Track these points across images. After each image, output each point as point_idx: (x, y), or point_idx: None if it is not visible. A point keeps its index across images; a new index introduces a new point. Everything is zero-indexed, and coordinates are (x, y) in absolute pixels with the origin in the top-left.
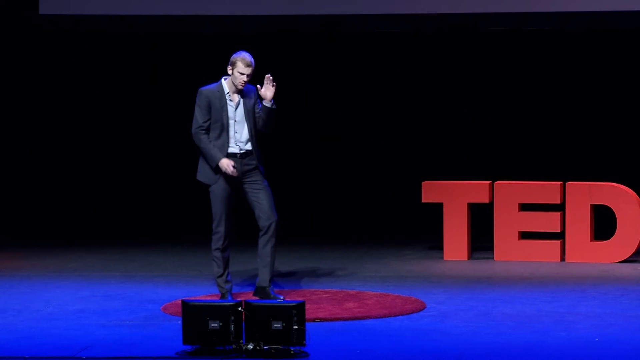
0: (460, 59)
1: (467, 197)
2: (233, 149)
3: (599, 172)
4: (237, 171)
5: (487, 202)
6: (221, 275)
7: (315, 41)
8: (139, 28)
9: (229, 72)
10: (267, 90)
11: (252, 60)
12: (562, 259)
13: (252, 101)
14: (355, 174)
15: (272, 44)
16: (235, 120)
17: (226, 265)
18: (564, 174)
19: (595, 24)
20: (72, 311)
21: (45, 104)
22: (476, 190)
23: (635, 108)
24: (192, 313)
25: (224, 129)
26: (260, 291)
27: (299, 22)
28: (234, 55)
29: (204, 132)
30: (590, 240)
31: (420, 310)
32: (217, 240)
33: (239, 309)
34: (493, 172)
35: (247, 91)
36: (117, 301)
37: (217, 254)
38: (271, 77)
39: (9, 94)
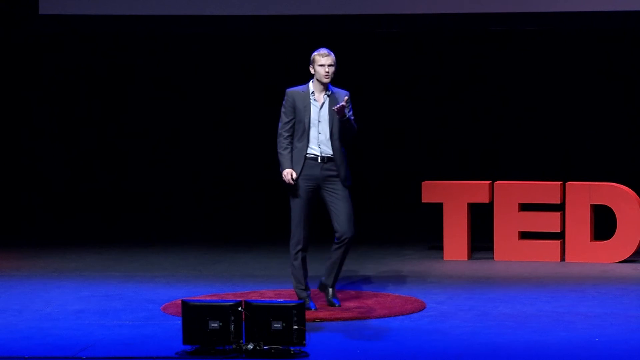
0: (460, 59)
1: (467, 197)
2: (314, 151)
3: (599, 172)
4: (319, 177)
5: (487, 202)
6: (301, 288)
7: (315, 41)
8: (139, 28)
9: (312, 71)
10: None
11: (330, 51)
12: (562, 259)
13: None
14: (354, 173)
15: (272, 44)
16: (319, 121)
17: (305, 274)
18: (564, 174)
19: (595, 24)
20: (72, 311)
21: (44, 104)
22: (476, 190)
23: (636, 108)
24: (192, 313)
25: (305, 130)
26: (322, 287)
27: (299, 22)
28: (312, 53)
29: (286, 135)
30: (590, 240)
31: (420, 310)
32: (295, 245)
33: (239, 309)
34: (493, 172)
35: (337, 94)
36: (117, 301)
37: (296, 263)
38: (347, 101)
39: (8, 94)
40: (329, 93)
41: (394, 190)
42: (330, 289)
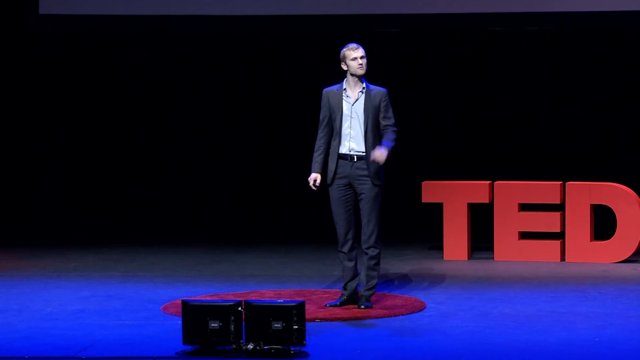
0: (460, 59)
1: (467, 197)
2: (344, 149)
3: (599, 172)
4: (351, 176)
5: (487, 202)
6: (345, 282)
7: (315, 41)
8: (139, 28)
9: (344, 67)
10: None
11: (359, 45)
12: (562, 259)
13: (376, 100)
14: None
15: (272, 44)
16: (351, 117)
17: (349, 272)
18: (564, 174)
19: (595, 24)
20: (72, 311)
21: (45, 103)
22: (476, 190)
23: (636, 107)
24: (192, 313)
25: (337, 127)
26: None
27: (299, 22)
28: (341, 51)
29: (320, 136)
30: (590, 240)
31: (420, 310)
32: (340, 245)
33: (239, 309)
34: (493, 172)
35: (373, 90)
36: (117, 301)
37: (341, 257)
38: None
39: (9, 94)
40: (364, 89)
41: (394, 190)
42: (359, 296)
